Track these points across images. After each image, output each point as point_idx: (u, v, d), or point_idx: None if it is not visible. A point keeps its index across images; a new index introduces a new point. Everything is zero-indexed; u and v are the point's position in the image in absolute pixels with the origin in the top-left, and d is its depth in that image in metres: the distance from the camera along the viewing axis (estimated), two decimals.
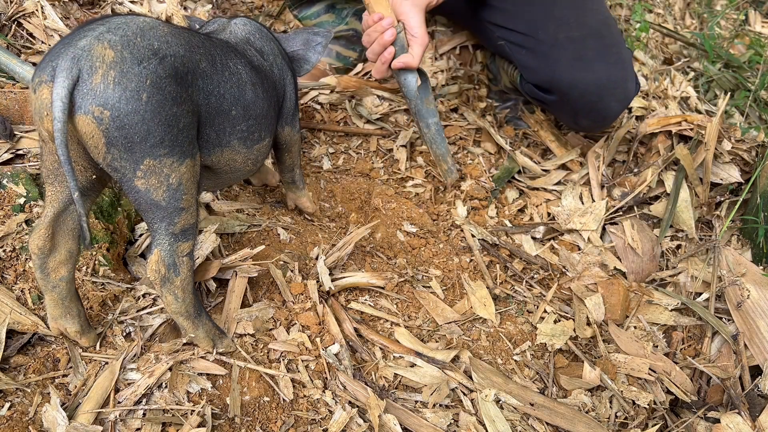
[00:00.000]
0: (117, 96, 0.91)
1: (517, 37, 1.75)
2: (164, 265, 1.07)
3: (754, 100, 2.19)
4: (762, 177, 1.72)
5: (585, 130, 1.94)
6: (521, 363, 1.41)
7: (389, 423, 1.20)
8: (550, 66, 1.67)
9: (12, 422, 1.05)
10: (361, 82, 2.06)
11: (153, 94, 0.93)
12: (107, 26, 0.94)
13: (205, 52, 1.08)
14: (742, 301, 1.53)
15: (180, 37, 1.03)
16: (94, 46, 0.91)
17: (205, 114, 1.07)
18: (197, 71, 1.04)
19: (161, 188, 1.00)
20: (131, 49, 0.93)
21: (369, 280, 1.46)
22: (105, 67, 0.90)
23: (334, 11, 2.05)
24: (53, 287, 1.10)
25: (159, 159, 0.97)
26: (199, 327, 1.18)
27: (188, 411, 1.12)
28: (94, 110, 0.90)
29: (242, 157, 1.21)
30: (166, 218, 1.03)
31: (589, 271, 1.64)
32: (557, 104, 1.74)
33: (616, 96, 1.68)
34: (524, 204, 1.86)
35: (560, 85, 1.66)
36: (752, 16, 2.91)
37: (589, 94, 1.65)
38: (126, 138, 0.93)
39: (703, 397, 1.42)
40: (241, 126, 1.16)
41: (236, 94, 1.14)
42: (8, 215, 1.26)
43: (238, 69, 1.16)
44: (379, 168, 1.86)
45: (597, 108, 1.69)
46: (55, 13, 1.78)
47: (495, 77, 2.12)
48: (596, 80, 1.63)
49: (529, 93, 1.82)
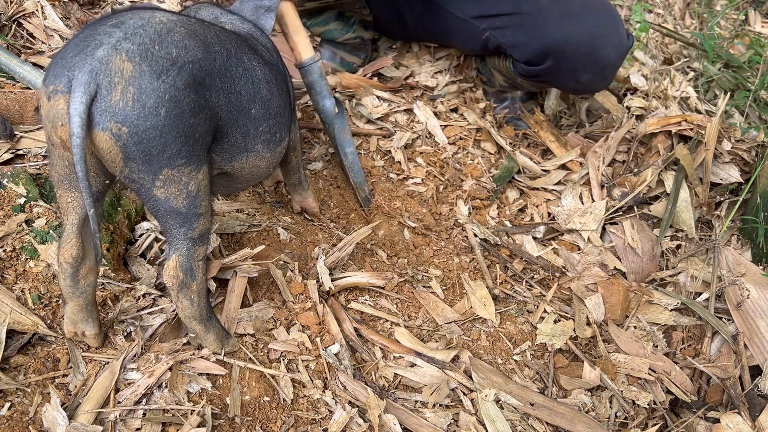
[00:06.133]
0: (136, 114, 0.90)
1: (503, 20, 1.79)
2: (182, 271, 1.06)
3: (754, 100, 2.19)
4: (762, 177, 1.72)
5: (589, 89, 1.93)
6: (521, 363, 1.42)
7: (389, 423, 1.20)
8: (539, 31, 1.69)
9: (12, 422, 1.05)
10: (362, 80, 2.07)
11: (171, 108, 0.92)
12: (124, 31, 0.92)
13: (221, 48, 1.05)
14: (742, 301, 1.53)
15: (196, 37, 1.00)
16: (112, 58, 0.89)
17: (227, 115, 1.05)
18: (214, 71, 1.02)
19: (181, 196, 0.99)
20: (150, 61, 0.91)
21: (369, 280, 1.46)
22: (124, 83, 0.89)
23: (342, 19, 2.11)
24: (81, 293, 1.10)
25: (178, 168, 0.96)
26: (210, 330, 1.18)
27: (188, 411, 1.12)
28: (113, 127, 0.90)
29: (266, 162, 1.19)
30: (185, 224, 1.03)
31: (589, 271, 1.64)
32: (554, 69, 1.75)
33: (611, 42, 1.70)
34: (524, 204, 1.86)
35: (554, 44, 1.68)
36: (752, 16, 2.91)
37: (583, 45, 1.67)
38: (144, 152, 0.92)
39: (703, 397, 1.42)
40: (264, 127, 1.14)
41: (252, 91, 1.11)
42: (8, 215, 1.26)
43: (252, 65, 1.13)
44: (380, 167, 1.86)
45: (595, 58, 1.70)
46: (55, 13, 1.78)
47: (489, 80, 2.13)
48: (588, 29, 1.66)
49: (524, 74, 1.84)
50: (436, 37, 2.18)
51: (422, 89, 2.14)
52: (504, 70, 1.97)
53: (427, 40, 2.26)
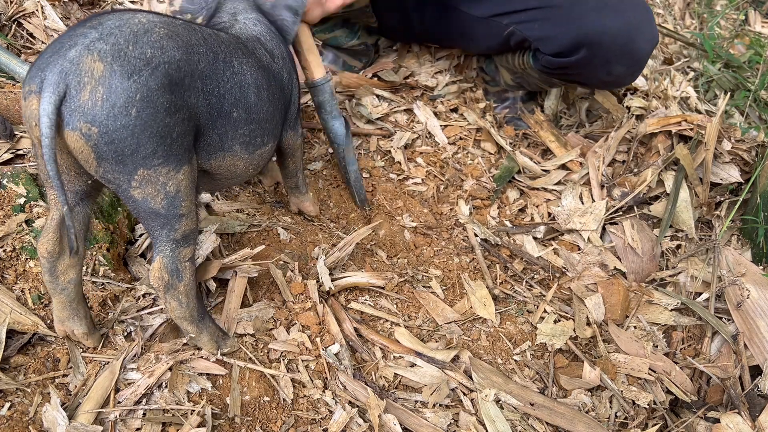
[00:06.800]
0: (105, 113, 0.89)
1: (529, 14, 1.80)
2: (167, 272, 1.06)
3: (754, 100, 2.19)
4: (762, 177, 1.72)
5: (618, 83, 1.94)
6: (521, 363, 1.42)
7: (389, 423, 1.20)
8: (574, 23, 1.71)
9: (12, 422, 1.05)
10: (362, 79, 2.07)
11: (143, 108, 0.91)
12: (100, 32, 0.91)
13: (206, 51, 1.05)
14: (742, 301, 1.53)
15: (178, 37, 0.98)
16: (83, 58, 0.88)
17: (205, 116, 1.05)
18: (195, 73, 1.01)
19: (159, 196, 0.98)
20: (122, 61, 0.89)
21: (369, 280, 1.46)
22: (93, 82, 0.88)
23: (347, 26, 2.13)
24: (62, 290, 1.09)
25: (154, 169, 0.95)
26: (203, 330, 1.18)
27: (188, 411, 1.12)
28: (82, 127, 0.89)
29: (244, 163, 1.18)
30: (166, 225, 1.03)
31: (589, 271, 1.64)
32: (587, 61, 1.76)
33: (645, 36, 1.72)
34: (524, 204, 1.86)
35: (590, 35, 1.70)
36: (752, 16, 2.91)
37: (620, 36, 1.69)
38: (116, 152, 0.92)
39: (703, 397, 1.42)
40: (243, 130, 1.13)
41: (237, 96, 1.10)
42: (8, 215, 1.26)
43: (242, 69, 1.12)
44: (380, 167, 1.86)
45: (630, 50, 1.72)
46: (55, 13, 1.78)
47: (493, 78, 2.13)
48: (626, 22, 1.68)
49: (549, 67, 1.84)
50: (449, 40, 2.17)
51: (422, 89, 2.14)
52: (518, 67, 1.96)
53: (437, 43, 2.26)
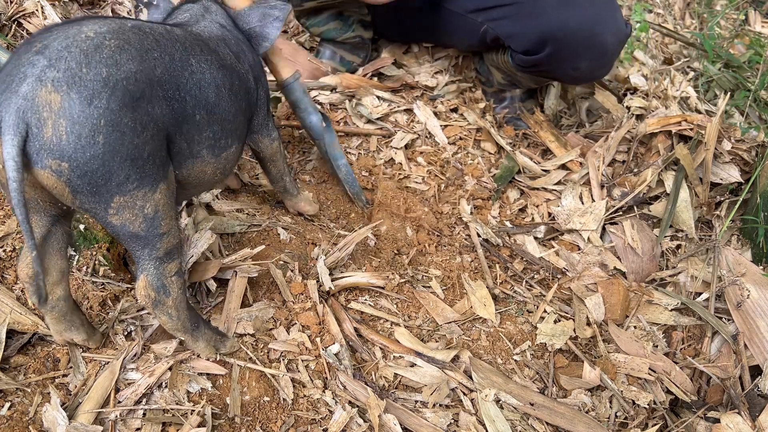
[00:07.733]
0: (72, 147, 0.84)
1: (500, 11, 1.80)
2: (153, 289, 1.04)
3: (754, 100, 2.19)
4: (762, 177, 1.72)
5: (588, 77, 1.93)
6: (521, 363, 1.42)
7: (389, 423, 1.20)
8: (536, 19, 1.70)
9: (12, 422, 1.05)
10: (362, 80, 2.07)
11: (109, 133, 0.86)
12: (48, 57, 0.85)
13: (161, 54, 0.98)
14: (742, 301, 1.53)
15: (130, 47, 0.92)
16: (37, 91, 0.83)
17: (172, 124, 0.99)
18: (154, 80, 0.95)
19: (137, 221, 0.95)
20: (78, 87, 0.84)
21: (369, 280, 1.46)
22: (53, 116, 0.83)
23: (341, 19, 2.11)
24: (52, 308, 1.08)
25: (129, 194, 0.92)
26: (199, 338, 1.17)
27: (188, 411, 1.12)
28: (51, 164, 0.85)
29: (212, 168, 1.13)
30: (147, 245, 1.00)
31: (589, 271, 1.64)
32: (553, 57, 1.75)
33: (609, 28, 1.71)
34: (525, 204, 1.86)
35: (551, 31, 1.69)
36: (752, 16, 2.91)
37: (581, 30, 1.68)
38: (90, 184, 0.88)
39: (703, 397, 1.42)
40: (208, 132, 1.08)
41: (198, 96, 1.05)
42: (8, 215, 1.26)
43: (201, 67, 1.07)
44: (380, 165, 1.86)
45: (593, 43, 1.71)
46: (55, 13, 1.78)
47: (487, 79, 2.13)
48: (585, 15, 1.67)
49: (523, 65, 1.84)
50: (435, 37, 2.18)
51: (422, 89, 2.14)
52: (503, 66, 1.97)
53: (425, 40, 2.26)
